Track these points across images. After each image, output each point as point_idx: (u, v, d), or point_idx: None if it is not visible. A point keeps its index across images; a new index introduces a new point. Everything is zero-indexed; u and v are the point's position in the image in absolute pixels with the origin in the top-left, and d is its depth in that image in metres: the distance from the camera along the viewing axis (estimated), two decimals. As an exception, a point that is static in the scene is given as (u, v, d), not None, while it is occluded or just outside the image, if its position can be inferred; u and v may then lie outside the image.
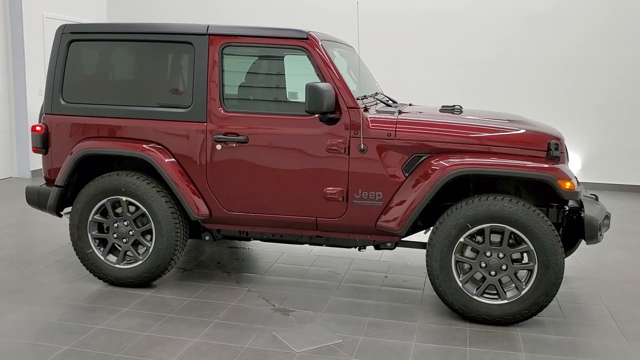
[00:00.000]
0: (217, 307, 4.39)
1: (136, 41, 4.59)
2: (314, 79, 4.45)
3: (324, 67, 4.31)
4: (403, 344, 3.87)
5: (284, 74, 4.52)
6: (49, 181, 4.83)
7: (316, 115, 4.29)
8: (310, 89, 4.08)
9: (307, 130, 4.34)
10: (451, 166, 4.07)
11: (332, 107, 4.19)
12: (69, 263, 5.27)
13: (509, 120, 4.57)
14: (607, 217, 4.34)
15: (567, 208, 4.41)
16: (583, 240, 4.41)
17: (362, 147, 4.27)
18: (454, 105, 5.13)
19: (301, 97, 4.79)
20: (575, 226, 4.36)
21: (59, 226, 6.51)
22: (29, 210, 7.17)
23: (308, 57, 4.34)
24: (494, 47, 9.55)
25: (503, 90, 9.51)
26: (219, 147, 4.46)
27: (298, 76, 4.60)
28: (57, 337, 3.81)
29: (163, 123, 4.53)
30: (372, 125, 4.28)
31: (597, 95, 9.33)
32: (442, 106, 5.25)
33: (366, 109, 4.39)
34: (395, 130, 4.26)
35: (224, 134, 4.44)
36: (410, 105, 5.36)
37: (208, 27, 4.47)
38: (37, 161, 9.30)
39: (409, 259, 5.61)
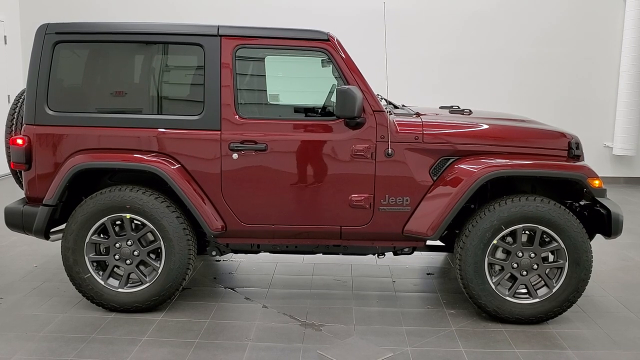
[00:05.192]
0: (243, 327, 4.10)
1: (137, 42, 4.17)
2: (323, 80, 4.27)
3: (347, 70, 4.13)
4: (453, 351, 3.79)
5: (303, 77, 4.29)
6: (34, 200, 4.29)
7: (341, 119, 4.10)
8: (342, 93, 3.90)
9: (331, 136, 4.14)
10: (486, 168, 4.04)
11: (361, 112, 4.03)
12: (49, 290, 4.72)
13: (522, 121, 4.62)
14: None
15: (576, 205, 4.52)
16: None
17: (389, 151, 4.14)
18: (451, 106, 5.13)
19: (322, 101, 4.56)
20: (589, 221, 4.45)
21: (6, 248, 5.83)
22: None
23: (329, 59, 4.13)
24: (451, 47, 9.75)
25: (462, 89, 9.70)
26: (235, 156, 4.15)
27: (317, 79, 4.39)
28: (87, 378, 3.39)
29: (172, 132, 4.15)
30: (399, 129, 4.16)
31: (553, 93, 9.80)
32: (440, 107, 5.25)
33: (390, 113, 4.27)
34: (423, 134, 4.17)
35: (241, 142, 4.14)
36: (403, 106, 5.29)
37: (219, 27, 4.15)
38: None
39: (406, 262, 5.55)
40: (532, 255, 4.13)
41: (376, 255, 4.50)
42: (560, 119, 9.56)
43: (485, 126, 4.33)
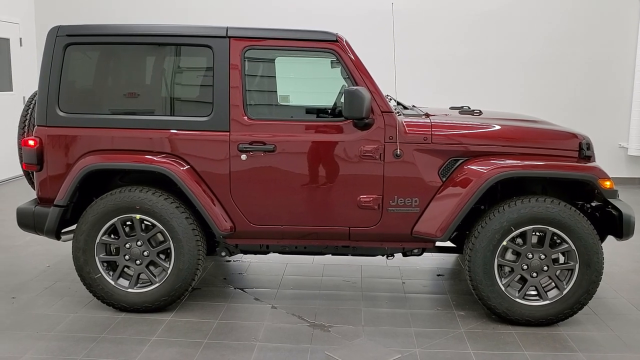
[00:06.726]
0: (251, 328, 4.11)
1: (146, 44, 4.20)
2: (331, 81, 4.27)
3: (355, 71, 4.12)
4: (462, 353, 3.77)
5: (311, 78, 4.29)
6: (45, 200, 4.33)
7: (349, 120, 4.10)
8: (350, 94, 3.90)
9: (340, 137, 4.14)
10: (496, 169, 4.01)
11: (370, 112, 4.02)
12: (61, 290, 4.77)
13: (532, 121, 4.59)
14: None
15: (587, 206, 4.48)
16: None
17: (398, 152, 4.13)
18: (462, 106, 5.10)
19: (330, 102, 4.56)
20: (601, 223, 4.40)
21: (20, 247, 5.90)
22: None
23: (338, 60, 4.13)
24: (459, 47, 9.71)
25: (471, 89, 9.64)
26: (243, 157, 4.16)
27: (326, 80, 4.39)
28: (96, 377, 3.41)
29: (181, 133, 4.17)
30: (408, 130, 4.15)
31: (567, 93, 9.72)
32: (450, 107, 5.23)
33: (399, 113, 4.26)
34: (432, 134, 4.15)
35: (250, 143, 4.15)
36: (414, 107, 5.27)
37: (227, 29, 4.16)
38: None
39: (416, 263, 5.53)
40: (542, 256, 4.10)
41: (385, 256, 4.49)
42: (575, 120, 9.50)
43: (495, 127, 4.30)
